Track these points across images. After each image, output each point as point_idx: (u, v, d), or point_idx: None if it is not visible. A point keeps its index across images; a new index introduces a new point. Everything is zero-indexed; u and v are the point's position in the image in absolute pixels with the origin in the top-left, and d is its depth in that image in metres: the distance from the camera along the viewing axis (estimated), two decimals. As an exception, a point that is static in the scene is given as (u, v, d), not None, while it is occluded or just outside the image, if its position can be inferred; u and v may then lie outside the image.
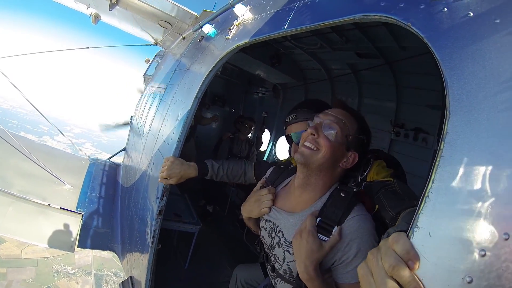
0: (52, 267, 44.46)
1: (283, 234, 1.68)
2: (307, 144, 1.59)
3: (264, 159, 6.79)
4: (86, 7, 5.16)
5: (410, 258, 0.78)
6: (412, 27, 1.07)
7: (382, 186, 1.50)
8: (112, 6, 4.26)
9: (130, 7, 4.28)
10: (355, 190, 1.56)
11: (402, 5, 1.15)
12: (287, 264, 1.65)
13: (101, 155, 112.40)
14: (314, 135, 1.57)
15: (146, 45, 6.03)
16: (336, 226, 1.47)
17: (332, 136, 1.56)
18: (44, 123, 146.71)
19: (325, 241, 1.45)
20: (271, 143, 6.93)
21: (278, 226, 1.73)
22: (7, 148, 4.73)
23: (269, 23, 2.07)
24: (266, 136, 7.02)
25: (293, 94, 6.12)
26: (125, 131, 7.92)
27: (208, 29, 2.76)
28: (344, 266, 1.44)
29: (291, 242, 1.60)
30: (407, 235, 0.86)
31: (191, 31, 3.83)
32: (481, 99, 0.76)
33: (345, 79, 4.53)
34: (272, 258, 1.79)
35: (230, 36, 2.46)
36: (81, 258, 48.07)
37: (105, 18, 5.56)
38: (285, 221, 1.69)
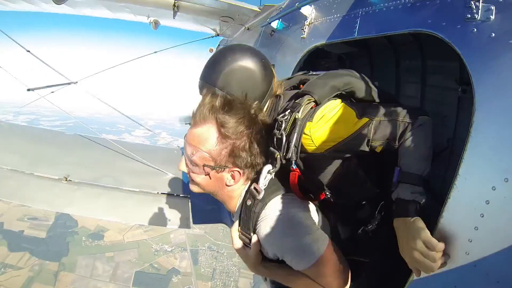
0: (152, 247, 48.74)
1: None
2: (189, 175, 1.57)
3: None
4: (147, 17, 5.68)
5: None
6: (452, 44, 1.34)
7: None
8: (175, 14, 4.60)
9: (192, 11, 4.56)
10: (259, 197, 1.39)
11: (444, 24, 1.41)
12: None
13: (178, 141, 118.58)
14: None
15: (209, 37, 6.33)
16: (252, 234, 1.46)
17: (199, 173, 1.48)
18: (121, 122, 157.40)
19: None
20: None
21: None
22: (111, 153, 5.55)
23: (339, 28, 2.32)
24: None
25: (358, 64, 5.96)
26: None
27: (275, 24, 3.10)
28: (284, 259, 1.44)
29: None
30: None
31: (256, 24, 4.19)
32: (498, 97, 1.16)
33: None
34: None
35: (305, 36, 2.79)
36: (176, 236, 51.99)
37: (165, 22, 5.96)
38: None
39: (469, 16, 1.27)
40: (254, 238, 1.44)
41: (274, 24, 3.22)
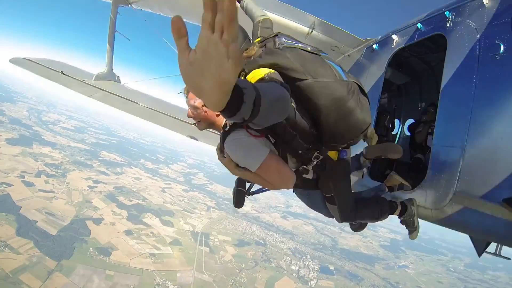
0: (155, 279, 45.62)
1: None
2: None
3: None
4: None
5: None
6: None
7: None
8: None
9: (315, 40, 5.35)
10: (226, 129, 2.06)
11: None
12: None
13: (212, 185, 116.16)
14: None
15: None
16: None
17: (200, 113, 2.28)
18: (161, 153, 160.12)
19: None
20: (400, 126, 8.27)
21: None
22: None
23: None
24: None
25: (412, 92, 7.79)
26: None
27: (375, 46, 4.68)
28: (242, 166, 2.07)
29: None
30: None
31: (356, 51, 5.24)
32: None
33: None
34: None
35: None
36: (183, 277, 48.75)
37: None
38: None
39: None
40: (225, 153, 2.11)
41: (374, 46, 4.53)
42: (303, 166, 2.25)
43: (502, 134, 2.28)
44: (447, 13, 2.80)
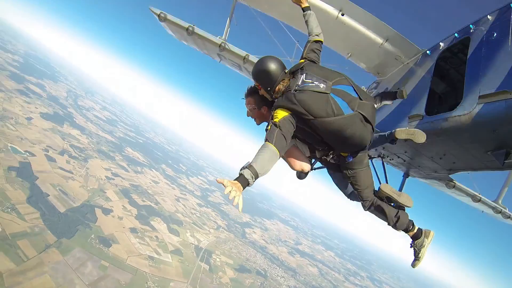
0: (147, 282, 43.81)
1: None
2: None
3: None
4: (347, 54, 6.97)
5: None
6: None
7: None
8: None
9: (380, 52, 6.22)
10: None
11: None
12: None
13: (228, 206, 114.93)
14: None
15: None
16: None
17: (254, 112, 3.45)
18: (184, 163, 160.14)
19: None
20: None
21: None
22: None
23: None
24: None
25: None
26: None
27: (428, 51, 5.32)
28: None
29: None
30: None
31: (414, 59, 5.63)
32: None
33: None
34: None
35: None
36: (175, 287, 46.78)
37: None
38: None
39: None
40: None
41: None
42: (324, 157, 3.26)
43: None
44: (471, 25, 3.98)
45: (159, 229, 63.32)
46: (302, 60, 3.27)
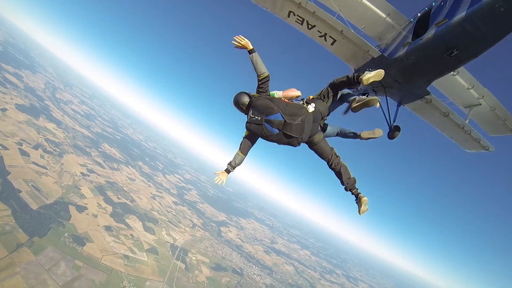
0: (122, 282, 43.50)
1: None
2: None
3: None
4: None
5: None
6: None
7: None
8: None
9: None
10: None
11: None
12: None
13: (203, 205, 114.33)
14: None
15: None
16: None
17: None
18: (161, 161, 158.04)
19: None
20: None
21: None
22: None
23: None
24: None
25: None
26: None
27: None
28: None
29: None
30: None
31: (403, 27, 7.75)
32: None
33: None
34: None
35: None
36: (151, 286, 46.78)
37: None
38: None
39: None
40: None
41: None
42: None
43: None
44: None
45: (134, 227, 62.63)
46: (256, 94, 4.98)
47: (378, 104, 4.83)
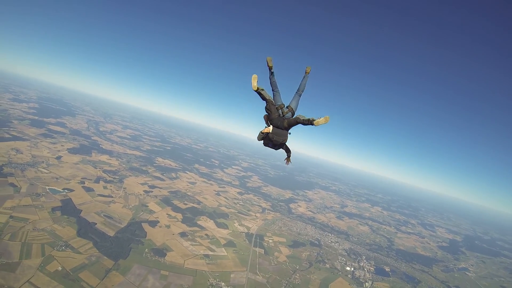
0: (208, 280, 44.62)
1: None
2: None
3: None
4: None
5: None
6: None
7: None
8: None
9: None
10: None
11: None
12: None
13: (267, 187, 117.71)
14: None
15: None
16: None
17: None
18: (215, 157, 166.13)
19: None
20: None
21: None
22: None
23: None
24: None
25: None
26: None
27: None
28: None
29: None
30: None
31: None
32: None
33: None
34: None
35: None
36: (236, 278, 47.76)
37: None
38: None
39: None
40: None
41: None
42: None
43: None
44: None
45: (207, 226, 65.02)
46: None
47: None
